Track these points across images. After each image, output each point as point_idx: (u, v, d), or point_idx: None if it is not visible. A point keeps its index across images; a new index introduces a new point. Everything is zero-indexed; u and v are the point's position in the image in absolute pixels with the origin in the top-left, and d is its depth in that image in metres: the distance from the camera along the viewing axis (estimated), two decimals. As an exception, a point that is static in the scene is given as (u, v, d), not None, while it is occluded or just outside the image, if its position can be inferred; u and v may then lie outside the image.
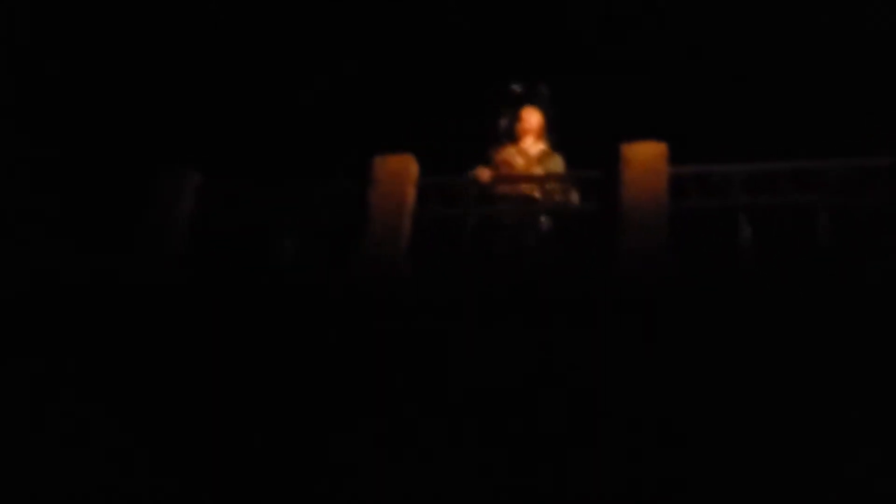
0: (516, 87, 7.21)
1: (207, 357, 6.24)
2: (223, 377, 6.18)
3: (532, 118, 7.38)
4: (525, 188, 6.97)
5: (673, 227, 6.75)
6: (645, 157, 6.87)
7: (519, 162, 7.18)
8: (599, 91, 8.75)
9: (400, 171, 6.80)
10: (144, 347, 6.24)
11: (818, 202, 6.71)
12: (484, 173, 6.88)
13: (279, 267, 6.48)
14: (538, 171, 7.11)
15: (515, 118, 7.27)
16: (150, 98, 8.95)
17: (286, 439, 6.04)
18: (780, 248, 6.66)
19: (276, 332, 6.24)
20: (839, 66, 8.71)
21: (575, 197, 6.93)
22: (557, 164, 7.21)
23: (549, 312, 6.10)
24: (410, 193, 6.77)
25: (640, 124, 7.08)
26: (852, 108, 8.64)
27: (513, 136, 7.29)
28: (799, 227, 6.76)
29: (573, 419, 5.77)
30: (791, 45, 8.75)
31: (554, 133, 7.33)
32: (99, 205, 6.75)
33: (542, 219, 6.87)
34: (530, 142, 7.34)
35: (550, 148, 7.34)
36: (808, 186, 6.84)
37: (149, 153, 8.08)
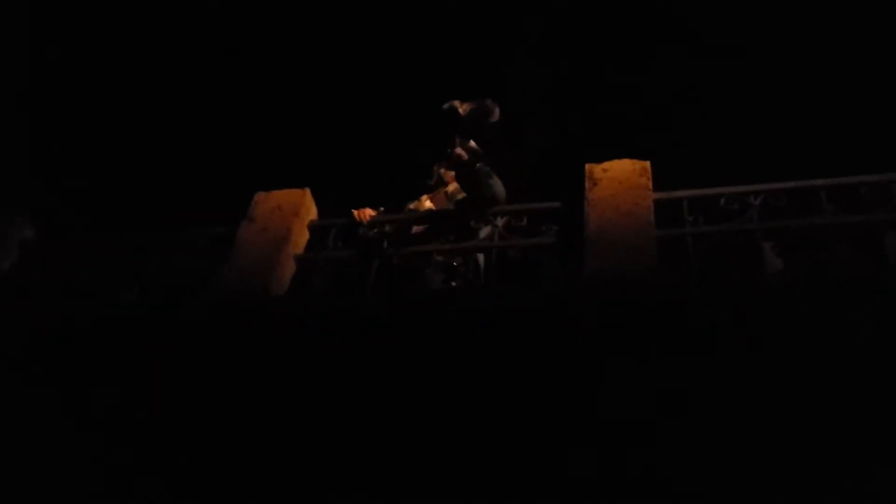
0: (458, 106, 5.46)
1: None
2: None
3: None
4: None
5: (670, 260, 4.81)
6: (619, 175, 5.03)
7: (426, 206, 5.48)
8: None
9: (286, 207, 5.11)
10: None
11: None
12: (364, 213, 5.19)
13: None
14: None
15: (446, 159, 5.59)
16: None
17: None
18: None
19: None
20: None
21: (498, 186, 5.09)
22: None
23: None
24: (297, 231, 5.03)
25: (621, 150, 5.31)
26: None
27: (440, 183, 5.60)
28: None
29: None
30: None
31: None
32: None
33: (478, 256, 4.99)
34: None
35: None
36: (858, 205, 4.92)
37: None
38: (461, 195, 5.38)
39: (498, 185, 5.21)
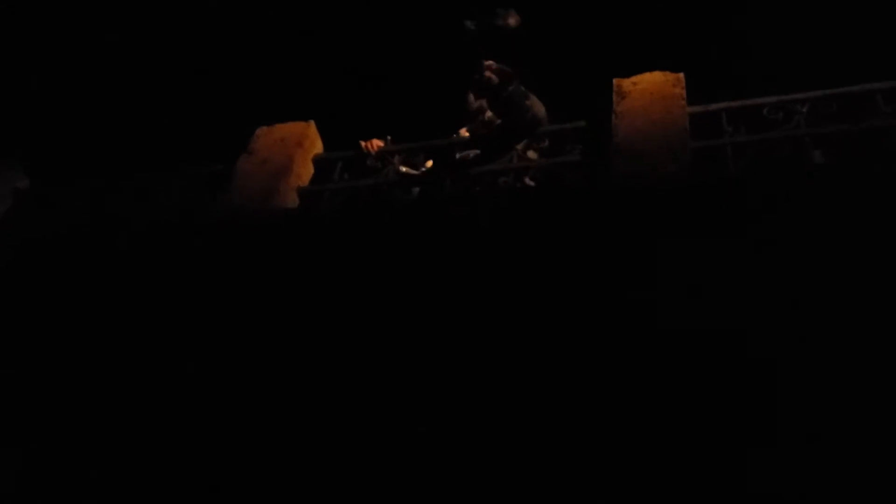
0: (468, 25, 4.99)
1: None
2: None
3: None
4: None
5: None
6: (650, 87, 4.57)
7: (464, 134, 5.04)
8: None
9: (289, 140, 4.76)
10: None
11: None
12: (372, 144, 4.83)
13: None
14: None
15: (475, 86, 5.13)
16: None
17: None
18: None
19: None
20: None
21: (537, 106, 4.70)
22: None
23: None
24: (299, 162, 4.66)
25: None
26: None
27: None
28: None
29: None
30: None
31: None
32: None
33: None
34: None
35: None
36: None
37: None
38: (499, 121, 4.96)
39: (537, 105, 4.79)
